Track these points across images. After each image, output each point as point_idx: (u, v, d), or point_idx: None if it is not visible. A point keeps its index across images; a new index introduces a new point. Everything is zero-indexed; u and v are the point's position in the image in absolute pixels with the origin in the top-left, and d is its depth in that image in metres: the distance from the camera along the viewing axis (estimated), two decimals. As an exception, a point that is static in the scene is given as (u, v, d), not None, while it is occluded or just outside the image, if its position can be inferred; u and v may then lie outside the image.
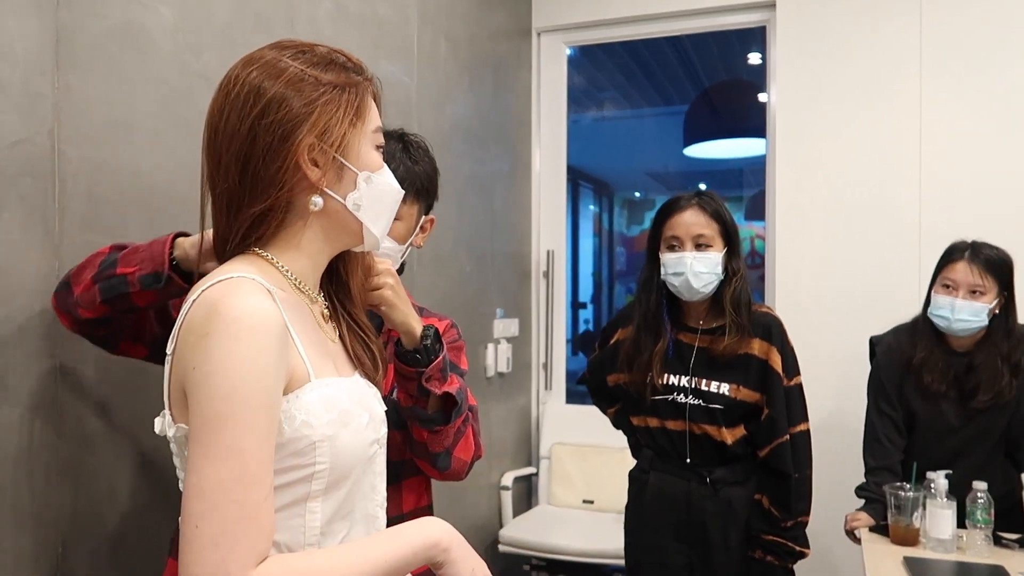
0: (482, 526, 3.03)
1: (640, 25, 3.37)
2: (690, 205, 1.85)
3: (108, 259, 1.16)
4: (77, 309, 1.16)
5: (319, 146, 0.88)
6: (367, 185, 0.93)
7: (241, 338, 0.78)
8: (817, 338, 2.94)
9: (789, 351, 1.85)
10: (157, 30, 1.52)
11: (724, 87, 5.42)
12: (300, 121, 0.87)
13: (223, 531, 0.75)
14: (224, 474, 0.76)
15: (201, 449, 0.77)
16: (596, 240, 7.95)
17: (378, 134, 0.96)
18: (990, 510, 1.93)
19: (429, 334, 1.21)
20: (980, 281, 2.05)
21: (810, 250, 3.02)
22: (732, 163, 6.38)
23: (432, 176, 1.44)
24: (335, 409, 0.87)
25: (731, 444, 1.85)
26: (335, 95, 0.89)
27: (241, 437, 0.77)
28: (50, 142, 1.31)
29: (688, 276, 1.83)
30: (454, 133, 2.75)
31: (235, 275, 0.84)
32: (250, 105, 0.87)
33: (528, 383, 3.47)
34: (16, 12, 1.26)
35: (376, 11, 2.29)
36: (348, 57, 0.95)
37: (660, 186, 8.78)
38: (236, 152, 0.87)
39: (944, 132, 2.85)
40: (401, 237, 1.39)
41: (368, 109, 0.94)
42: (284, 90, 0.87)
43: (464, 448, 1.32)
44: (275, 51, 0.91)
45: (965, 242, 2.13)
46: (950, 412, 2.13)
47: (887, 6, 2.92)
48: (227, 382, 0.77)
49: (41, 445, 1.29)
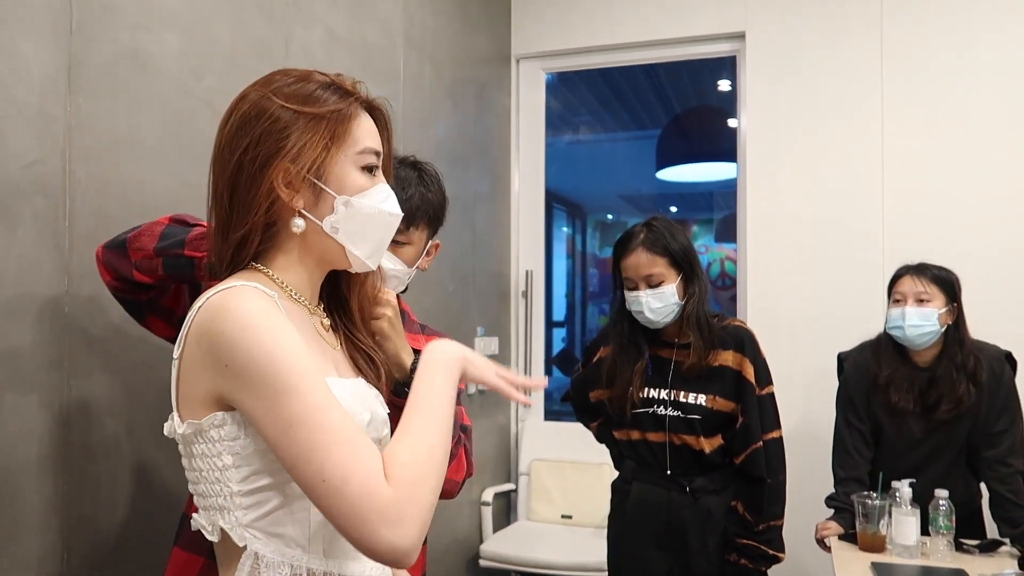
0: (463, 541, 3.07)
1: (615, 53, 3.50)
2: (637, 246, 1.93)
3: (172, 235, 1.19)
4: (132, 271, 1.20)
5: (294, 170, 0.94)
6: (345, 208, 0.97)
7: (257, 323, 0.85)
8: (787, 354, 3.04)
9: (761, 362, 1.95)
10: (162, 55, 1.59)
11: (695, 113, 5.57)
12: (278, 150, 0.94)
13: (347, 439, 0.82)
14: (311, 400, 0.82)
15: (282, 425, 0.82)
16: (570, 261, 8.05)
17: (365, 155, 0.99)
18: (951, 517, 2.02)
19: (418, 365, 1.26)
20: (924, 289, 2.20)
21: (780, 271, 3.13)
22: (703, 186, 6.53)
23: (443, 204, 1.50)
24: None
25: (709, 453, 1.93)
26: (312, 123, 0.95)
27: (308, 394, 0.83)
28: (62, 162, 1.36)
29: (646, 313, 1.93)
30: (438, 155, 2.82)
31: (238, 284, 0.90)
32: (238, 139, 0.95)
33: (507, 400, 3.53)
34: (33, 37, 1.31)
35: (365, 37, 2.37)
36: (340, 84, 1.00)
37: (633, 209, 8.91)
38: (227, 182, 0.96)
39: (905, 154, 2.99)
40: (411, 260, 1.44)
41: (350, 133, 0.97)
42: (267, 125, 0.94)
43: (456, 469, 1.37)
44: (265, 87, 0.98)
45: (911, 263, 2.30)
46: (915, 425, 2.24)
47: (851, 32, 3.06)
48: (266, 360, 0.83)
49: (48, 454, 1.33)
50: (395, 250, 1.42)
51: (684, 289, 1.94)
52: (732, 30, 3.24)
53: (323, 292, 1.09)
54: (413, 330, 1.50)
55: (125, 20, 1.50)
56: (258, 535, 0.90)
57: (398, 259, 1.42)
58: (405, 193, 1.40)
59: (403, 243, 1.43)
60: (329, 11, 2.17)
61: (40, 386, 1.32)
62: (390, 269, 1.40)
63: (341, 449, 0.81)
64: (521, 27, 3.55)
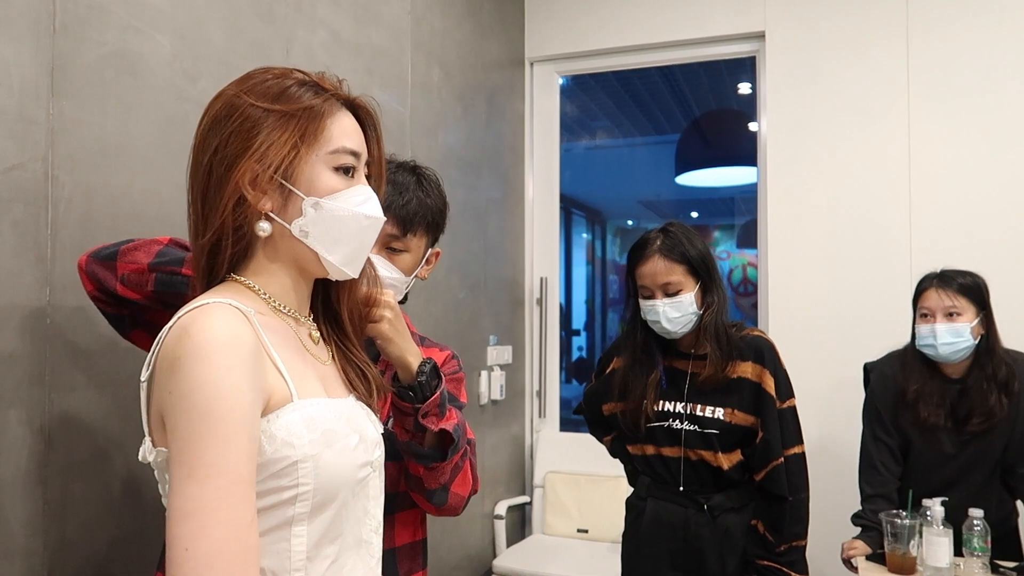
0: (475, 555, 2.99)
1: (631, 55, 3.42)
2: (654, 253, 1.84)
3: (170, 254, 1.16)
4: (116, 285, 1.16)
5: (260, 170, 0.89)
6: (314, 211, 0.91)
7: (211, 358, 0.78)
8: (811, 363, 2.95)
9: (782, 374, 1.85)
10: (153, 57, 1.53)
11: (714, 116, 5.48)
12: (245, 149, 0.88)
13: (216, 551, 0.74)
14: (209, 493, 0.75)
15: (184, 471, 0.76)
16: (589, 268, 7.98)
17: (339, 155, 0.93)
18: (987, 538, 1.92)
19: (426, 369, 1.18)
20: (953, 303, 2.09)
21: (802, 277, 3.03)
22: (723, 191, 6.43)
23: (442, 210, 1.43)
24: (318, 429, 0.86)
25: (727, 469, 1.84)
26: (281, 121, 0.89)
27: (223, 455, 0.76)
28: (43, 168, 1.31)
29: (662, 323, 1.84)
30: (447, 160, 2.76)
31: (210, 301, 0.85)
32: (209, 140, 0.90)
33: (522, 411, 3.45)
34: (12, 40, 1.26)
35: (371, 40, 2.31)
36: (318, 81, 0.94)
37: (652, 214, 8.83)
38: (198, 185, 0.91)
39: (933, 157, 2.89)
40: (408, 268, 1.38)
41: (323, 132, 0.92)
42: (236, 124, 0.89)
43: (462, 483, 1.30)
44: (238, 86, 0.92)
45: (934, 272, 2.19)
46: (946, 440, 2.13)
47: (875, 36, 2.96)
48: (202, 402, 0.77)
49: (29, 473, 1.27)
50: (392, 258, 1.36)
51: (702, 298, 1.86)
52: (751, 30, 3.15)
53: (315, 301, 1.03)
54: (413, 341, 1.44)
55: (113, 21, 1.45)
56: None
57: (395, 267, 1.36)
58: (402, 198, 1.35)
59: (400, 250, 1.36)
60: (332, 13, 2.12)
61: (20, 402, 1.26)
62: (387, 277, 1.34)
63: (224, 537, 0.75)
64: (535, 30, 3.49)
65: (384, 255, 1.35)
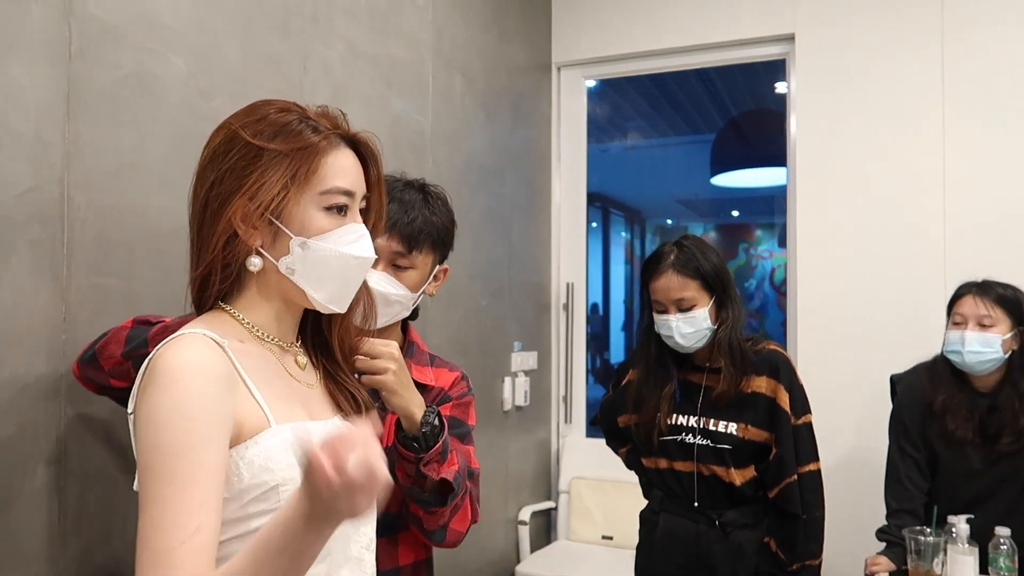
0: (497, 561, 3.01)
1: (659, 59, 3.39)
2: (667, 268, 1.82)
3: (136, 336, 1.22)
4: (108, 380, 1.25)
5: (251, 208, 0.91)
6: (301, 250, 0.93)
7: (169, 389, 0.82)
8: (841, 371, 2.89)
9: (798, 389, 1.82)
10: (168, 77, 1.57)
11: (751, 116, 5.40)
12: (237, 187, 0.91)
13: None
14: (145, 522, 0.81)
15: (140, 499, 0.82)
16: (628, 267, 7.92)
17: (331, 196, 0.95)
18: (1014, 557, 1.86)
19: (429, 420, 1.21)
20: (988, 312, 2.03)
21: (833, 282, 2.97)
22: (761, 191, 6.34)
23: (449, 228, 1.45)
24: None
25: (740, 485, 1.81)
26: (275, 160, 0.91)
27: (162, 486, 0.80)
28: (59, 189, 1.35)
29: (676, 338, 1.83)
30: (469, 168, 2.77)
31: (186, 332, 0.88)
32: (207, 173, 0.94)
33: (548, 416, 3.45)
34: (28, 65, 1.31)
35: (390, 51, 2.33)
36: (316, 118, 0.96)
37: (692, 213, 8.74)
38: (196, 219, 0.95)
39: (969, 163, 2.80)
40: (415, 285, 1.40)
41: (316, 172, 0.93)
42: (232, 161, 0.92)
43: (461, 520, 1.32)
44: (239, 120, 0.95)
45: (975, 280, 2.13)
46: (974, 455, 2.08)
47: (908, 38, 2.89)
48: (155, 433, 0.81)
49: (45, 485, 1.32)
50: (398, 275, 1.37)
51: (716, 313, 1.84)
52: (781, 32, 3.10)
53: (305, 328, 1.05)
54: (421, 361, 1.46)
55: (128, 44, 1.49)
56: None
57: (401, 284, 1.37)
58: (408, 216, 1.37)
59: (406, 267, 1.38)
60: (350, 26, 2.14)
61: (37, 414, 1.31)
62: (393, 294, 1.36)
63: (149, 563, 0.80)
64: (562, 35, 3.48)
65: (390, 272, 1.37)
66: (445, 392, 1.43)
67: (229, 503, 0.86)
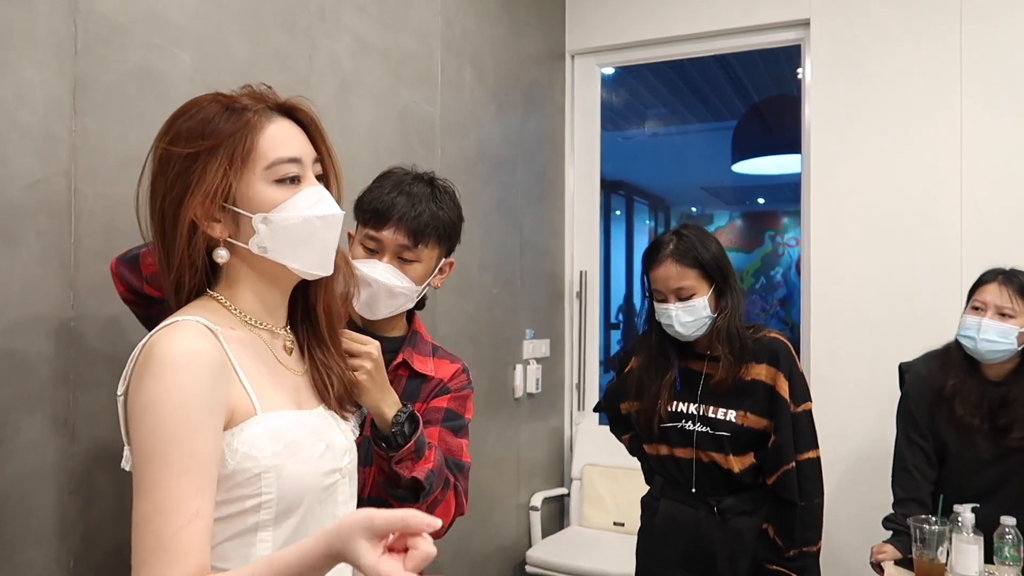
0: (509, 546, 3.05)
1: (674, 46, 3.37)
2: (666, 257, 1.83)
3: None
4: (143, 285, 1.24)
5: (207, 203, 0.94)
6: (266, 226, 0.96)
7: (166, 377, 0.85)
8: (855, 360, 2.88)
9: (798, 377, 1.83)
10: (175, 73, 1.62)
11: (773, 102, 5.34)
12: (185, 189, 0.94)
13: (143, 560, 0.83)
14: (145, 507, 0.83)
15: (134, 484, 0.85)
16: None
17: (277, 167, 0.96)
18: (1019, 547, 1.85)
19: (401, 420, 1.23)
20: (1010, 304, 2.00)
21: (848, 271, 2.95)
22: (785, 178, 6.27)
23: (456, 223, 1.46)
24: (280, 441, 0.91)
25: (738, 472, 1.82)
26: (210, 155, 0.94)
27: (160, 471, 0.83)
28: (67, 181, 1.40)
29: (675, 327, 1.84)
30: (480, 157, 2.80)
31: (179, 319, 0.90)
32: (156, 189, 0.97)
33: (561, 404, 3.48)
34: (35, 62, 1.36)
35: (399, 44, 2.35)
36: (237, 100, 0.98)
37: (717, 201, 8.66)
38: (157, 229, 0.98)
39: (986, 151, 2.76)
40: (419, 278, 1.42)
41: (253, 150, 0.95)
42: (174, 172, 0.95)
43: (443, 513, 1.34)
44: (162, 137, 0.98)
45: (1002, 268, 2.09)
46: (983, 445, 2.06)
47: (926, 23, 2.84)
48: (152, 420, 0.84)
49: (55, 464, 1.38)
50: (403, 267, 1.40)
51: (716, 302, 1.84)
52: (795, 17, 3.06)
53: (294, 308, 1.08)
54: (423, 351, 1.48)
55: (134, 40, 1.53)
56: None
57: (405, 276, 1.40)
58: (415, 210, 1.38)
59: (411, 260, 1.40)
60: (357, 19, 2.17)
61: (46, 399, 1.37)
62: (397, 287, 1.38)
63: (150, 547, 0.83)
64: (576, 23, 3.48)
65: (396, 264, 1.39)
66: (444, 383, 1.45)
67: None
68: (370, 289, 1.37)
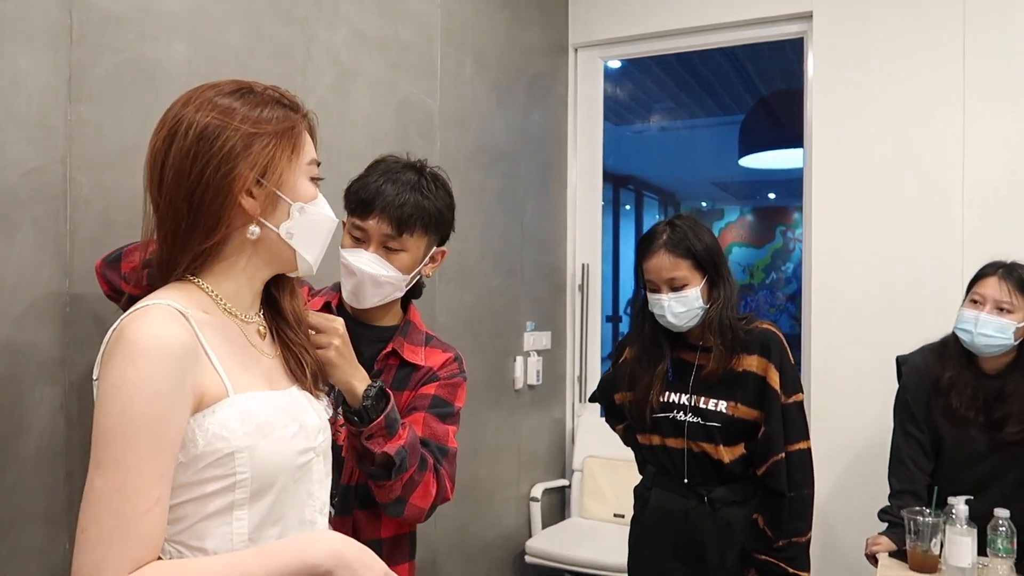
0: (509, 537, 3.06)
1: (676, 39, 3.37)
2: (659, 248, 1.83)
3: None
4: (121, 283, 1.29)
5: (257, 180, 0.97)
6: (300, 215, 1.02)
7: (136, 361, 0.86)
8: (856, 353, 2.88)
9: (788, 368, 1.83)
10: (170, 63, 1.64)
11: (780, 96, 5.32)
12: (239, 157, 0.95)
13: (100, 538, 0.83)
14: (107, 486, 0.84)
15: (93, 462, 0.86)
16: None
17: (312, 166, 1.05)
18: (1013, 539, 1.85)
19: (371, 394, 1.24)
20: (1009, 299, 2.00)
21: (850, 265, 2.94)
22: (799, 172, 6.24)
23: (444, 212, 1.45)
24: (252, 422, 0.93)
25: (728, 463, 1.83)
26: (273, 138, 0.98)
27: (126, 453, 0.84)
28: (62, 170, 1.43)
29: (668, 317, 1.84)
30: (480, 149, 2.81)
31: (151, 302, 0.92)
32: (192, 143, 0.95)
33: (562, 395, 3.49)
34: (30, 52, 1.38)
35: (398, 35, 2.37)
36: (283, 94, 1.03)
37: (727, 196, 8.63)
38: (184, 190, 0.95)
39: (989, 145, 2.74)
40: (406, 267, 1.42)
41: (303, 145, 1.03)
42: (223, 129, 0.95)
43: (422, 495, 1.34)
44: (212, 91, 0.99)
45: (1002, 261, 2.09)
46: (978, 438, 2.06)
47: (929, 15, 2.83)
48: (119, 402, 0.85)
49: (51, 450, 1.41)
50: (388, 256, 1.40)
51: (709, 293, 1.85)
52: (798, 10, 3.05)
53: (265, 299, 1.10)
54: (416, 341, 1.48)
55: (130, 30, 1.55)
56: (181, 548, 0.92)
57: (391, 266, 1.40)
58: (399, 199, 1.38)
59: (396, 249, 1.40)
60: (355, 10, 2.18)
61: (42, 383, 1.39)
62: (382, 276, 1.39)
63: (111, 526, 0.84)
64: (579, 16, 3.48)
65: (381, 253, 1.39)
66: (433, 371, 1.45)
67: (185, 468, 0.90)
68: (355, 279, 1.38)
